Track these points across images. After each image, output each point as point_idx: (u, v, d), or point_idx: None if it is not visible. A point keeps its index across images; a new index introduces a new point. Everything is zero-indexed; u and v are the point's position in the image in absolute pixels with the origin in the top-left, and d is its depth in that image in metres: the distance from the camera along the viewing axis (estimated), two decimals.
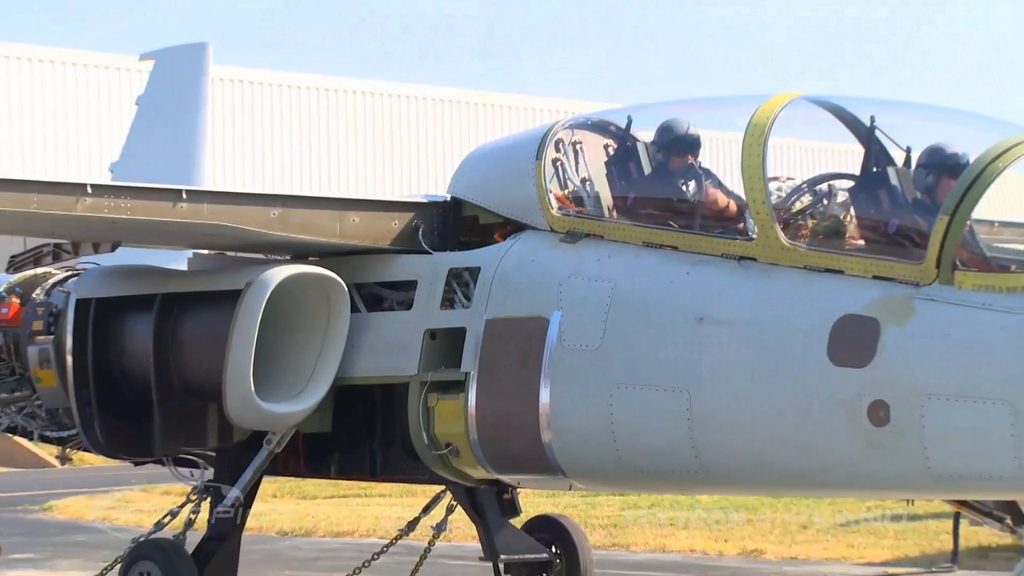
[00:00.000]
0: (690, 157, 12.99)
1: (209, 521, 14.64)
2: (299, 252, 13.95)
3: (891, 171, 11.96)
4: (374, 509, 25.50)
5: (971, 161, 11.41)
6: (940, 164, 11.70)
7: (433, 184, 13.49)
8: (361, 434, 14.25)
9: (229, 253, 14.36)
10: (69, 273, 15.70)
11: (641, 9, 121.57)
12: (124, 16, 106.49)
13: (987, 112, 12.66)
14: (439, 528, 16.26)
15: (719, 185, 12.78)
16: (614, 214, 13.10)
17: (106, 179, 14.60)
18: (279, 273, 13.54)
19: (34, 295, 15.60)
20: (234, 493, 14.36)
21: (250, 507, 14.78)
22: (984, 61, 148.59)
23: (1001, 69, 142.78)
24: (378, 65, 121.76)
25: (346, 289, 13.75)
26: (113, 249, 15.01)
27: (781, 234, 11.92)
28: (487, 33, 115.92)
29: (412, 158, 55.46)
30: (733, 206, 12.54)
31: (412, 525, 16.42)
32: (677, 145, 13.04)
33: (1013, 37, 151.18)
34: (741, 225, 12.37)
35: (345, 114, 56.43)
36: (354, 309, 13.83)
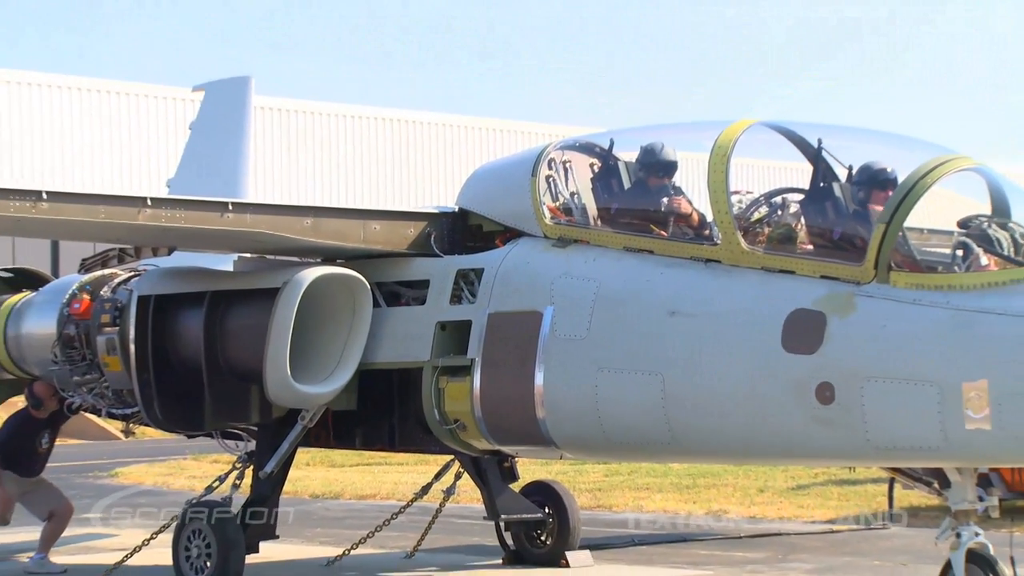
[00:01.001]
0: (664, 175, 13.01)
1: (252, 485, 14.68)
2: (328, 255, 13.96)
3: (835, 186, 11.98)
4: (393, 475, 25.50)
5: (904, 177, 11.45)
6: (877, 180, 11.72)
7: (442, 197, 13.47)
8: (382, 411, 14.25)
9: (269, 256, 14.36)
10: (132, 273, 15.70)
11: (621, 44, 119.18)
12: (178, 51, 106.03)
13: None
14: (448, 492, 16.31)
15: (688, 198, 12.80)
16: (598, 223, 13.10)
17: (164, 193, 14.59)
18: (311, 273, 13.56)
19: (102, 292, 15.59)
20: (273, 462, 14.39)
21: (287, 474, 14.82)
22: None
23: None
24: (393, 94, 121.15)
25: (369, 287, 13.76)
26: (169, 253, 15.05)
27: (741, 240, 11.94)
28: (488, 66, 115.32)
29: (425, 174, 55.42)
30: (700, 216, 12.56)
31: (425, 489, 16.46)
32: (653, 164, 13.07)
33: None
34: (707, 232, 12.38)
35: (366, 137, 56.46)
36: (376, 304, 13.84)
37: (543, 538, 15.84)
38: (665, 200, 12.84)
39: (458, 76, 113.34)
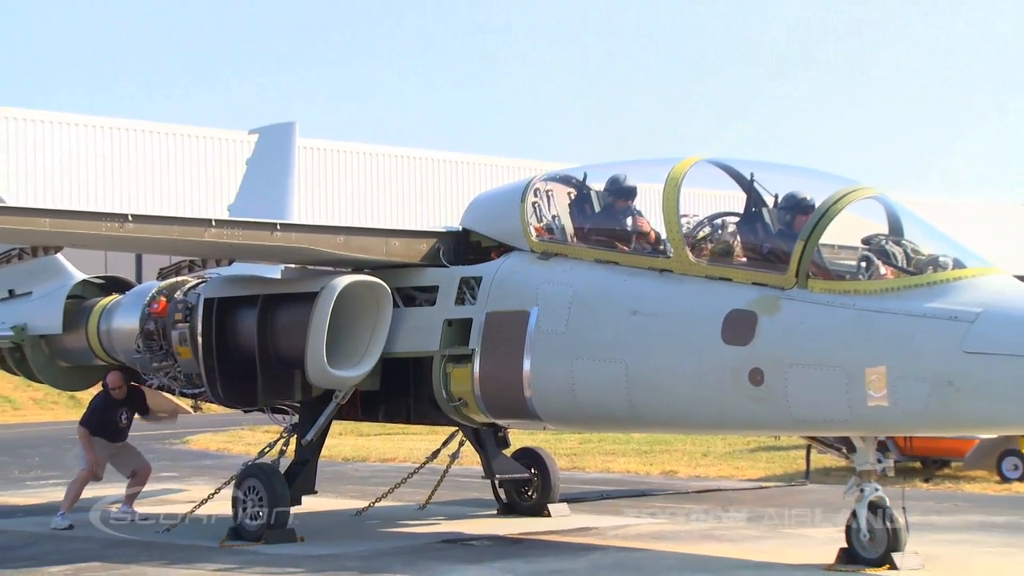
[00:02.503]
0: (626, 201, 13.02)
1: (295, 451, 14.65)
2: (357, 266, 13.93)
3: (764, 211, 11.98)
4: (409, 443, 25.47)
5: (818, 204, 11.48)
6: (797, 206, 11.71)
7: (448, 219, 13.48)
8: (400, 391, 14.21)
9: (309, 267, 14.34)
10: (199, 280, 15.68)
11: (594, 91, 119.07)
12: (237, 99, 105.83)
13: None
14: (454, 456, 16.28)
15: (646, 220, 12.81)
16: (574, 240, 13.08)
17: (225, 216, 14.57)
18: (343, 280, 13.54)
19: (176, 295, 15.57)
20: (312, 432, 14.35)
21: (323, 441, 14.77)
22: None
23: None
24: (408, 136, 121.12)
25: (389, 291, 13.73)
26: (230, 263, 15.01)
27: (689, 254, 11.96)
28: (486, 112, 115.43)
29: (434, 200, 55.50)
30: (656, 234, 12.57)
31: (435, 454, 16.42)
32: (617, 192, 13.08)
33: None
34: (661, 247, 12.38)
35: (387, 170, 56.53)
36: (395, 305, 13.79)
37: (530, 493, 15.82)
38: (627, 221, 12.88)
39: (461, 120, 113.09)
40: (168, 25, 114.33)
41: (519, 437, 16.32)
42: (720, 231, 12.12)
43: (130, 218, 12.67)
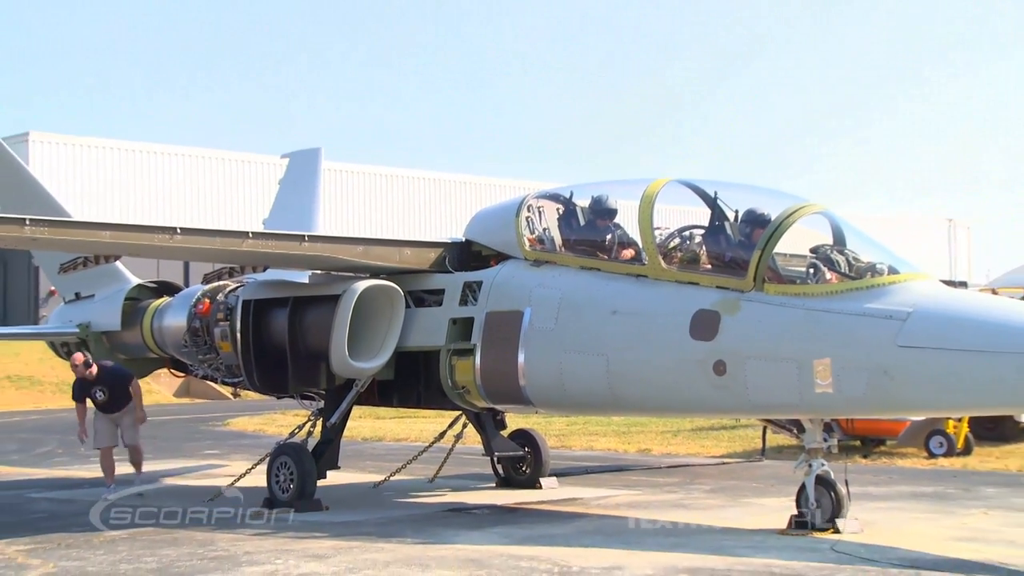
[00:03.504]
0: (607, 216, 13.01)
1: (321, 432, 14.62)
2: (374, 272, 13.91)
3: (726, 224, 11.95)
4: (419, 424, 25.43)
5: (772, 218, 11.49)
6: (754, 220, 11.71)
7: (453, 231, 13.50)
8: (412, 380, 14.17)
9: (333, 272, 14.33)
10: (238, 284, 15.66)
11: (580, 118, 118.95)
12: (269, 124, 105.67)
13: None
14: (458, 436, 16.22)
15: (624, 232, 12.80)
16: (562, 249, 13.06)
17: (260, 229, 14.56)
18: (363, 284, 13.52)
19: (218, 297, 15.57)
20: (336, 415, 14.33)
21: (345, 423, 14.74)
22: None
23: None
24: (416, 158, 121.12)
25: (402, 294, 13.72)
26: (264, 270, 14.99)
27: (661, 261, 11.96)
28: (486, 138, 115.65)
29: (440, 214, 55.58)
30: (633, 244, 12.56)
31: (441, 435, 16.35)
32: (599, 209, 13.07)
33: None
34: (637, 256, 12.36)
35: (399, 188, 56.91)
36: (407, 306, 13.79)
37: (524, 469, 15.77)
38: (608, 234, 12.86)
39: (464, 145, 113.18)
40: (209, 63, 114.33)
41: (514, 420, 16.28)
42: (688, 241, 12.11)
43: (178, 231, 12.70)
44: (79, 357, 15.90)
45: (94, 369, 15.77)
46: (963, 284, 27.16)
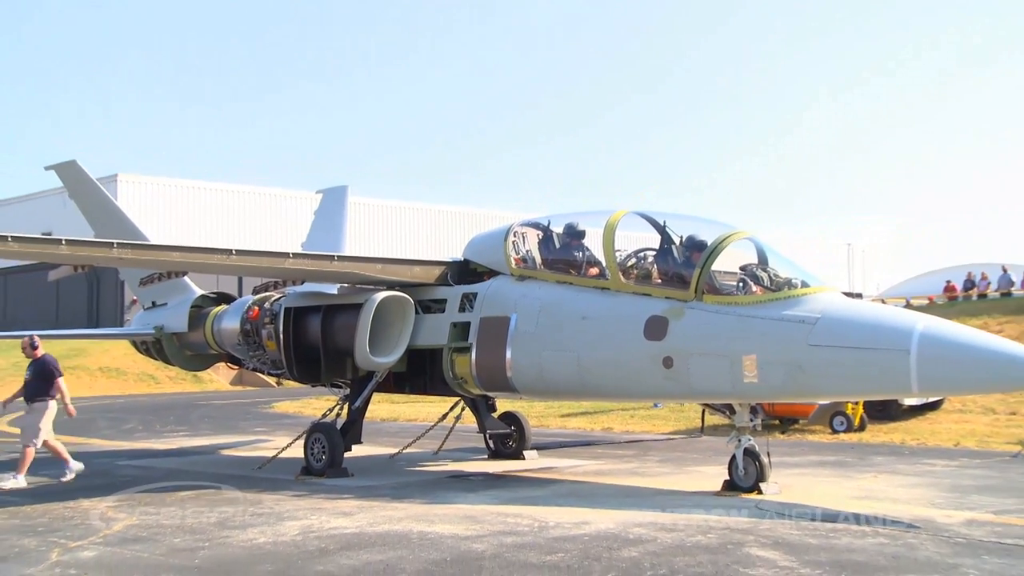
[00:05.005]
0: (577, 240, 13.00)
1: (347, 413, 14.55)
2: (391, 285, 13.89)
3: (673, 247, 11.94)
4: (426, 408, 25.31)
5: (709, 243, 11.50)
6: (695, 244, 11.71)
7: (453, 252, 13.49)
8: (420, 372, 14.12)
9: (357, 285, 14.29)
10: (281, 294, 15.60)
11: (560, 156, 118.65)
12: (306, 163, 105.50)
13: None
14: (458, 417, 16.20)
15: (592, 253, 12.79)
16: (542, 267, 13.04)
17: (299, 251, 14.53)
18: (381, 295, 13.48)
19: (265, 305, 15.51)
20: (359, 400, 14.25)
21: (367, 407, 14.68)
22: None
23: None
24: (425, 193, 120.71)
25: (413, 303, 13.69)
26: (302, 283, 14.95)
27: (621, 277, 11.95)
28: (480, 177, 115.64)
29: (443, 238, 55.56)
30: (598, 263, 12.54)
31: (444, 416, 16.30)
32: (571, 234, 13.06)
33: None
34: (602, 272, 12.35)
35: (409, 217, 56.96)
36: (417, 312, 13.76)
37: (510, 443, 15.70)
38: (578, 255, 12.85)
39: (461, 182, 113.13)
40: (252, 112, 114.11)
41: (503, 404, 16.25)
42: (642, 261, 12.10)
43: (233, 252, 12.67)
44: (26, 340, 13.66)
45: (39, 352, 13.62)
46: (859, 295, 27.26)
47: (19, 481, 13.00)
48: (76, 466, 13.79)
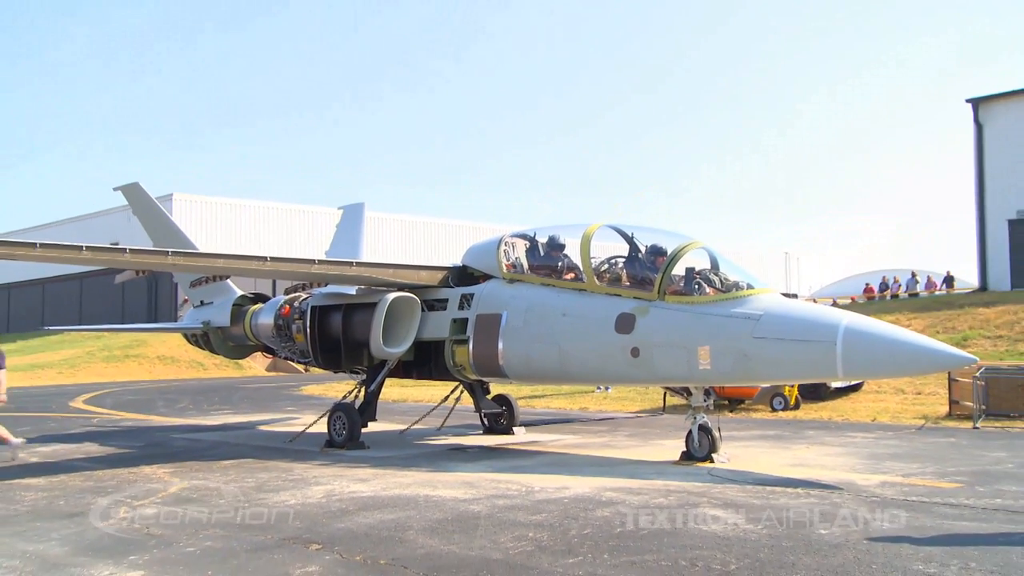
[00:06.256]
0: (559, 249, 12.95)
1: (364, 396, 14.45)
2: (401, 287, 13.82)
3: (640, 255, 11.92)
4: (431, 391, 25.20)
5: (670, 251, 11.45)
6: (658, 252, 11.67)
7: (454, 258, 13.43)
8: (426, 361, 14.04)
9: (372, 287, 14.21)
10: (308, 295, 15.51)
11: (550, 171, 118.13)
12: (328, 181, 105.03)
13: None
14: (457, 399, 16.10)
15: (571, 260, 12.74)
16: (529, 272, 12.98)
17: (323, 258, 14.45)
18: (392, 295, 13.40)
19: (295, 304, 15.41)
20: (374, 384, 14.16)
21: (380, 390, 14.57)
22: None
23: None
24: (432, 207, 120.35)
25: (419, 302, 13.61)
26: (326, 285, 14.85)
27: (596, 280, 11.89)
28: (475, 194, 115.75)
29: (446, 246, 55.43)
30: (576, 269, 12.48)
31: (445, 398, 16.20)
32: (553, 244, 13.00)
33: None
34: (579, 277, 12.29)
35: (418, 230, 56.65)
36: (423, 310, 13.69)
37: (502, 421, 15.59)
38: (559, 262, 12.79)
39: (460, 198, 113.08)
40: (283, 141, 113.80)
41: (496, 388, 16.18)
42: (614, 267, 12.06)
43: (268, 259, 12.55)
44: None
45: None
46: (794, 295, 27.27)
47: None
48: (17, 442, 12.79)
